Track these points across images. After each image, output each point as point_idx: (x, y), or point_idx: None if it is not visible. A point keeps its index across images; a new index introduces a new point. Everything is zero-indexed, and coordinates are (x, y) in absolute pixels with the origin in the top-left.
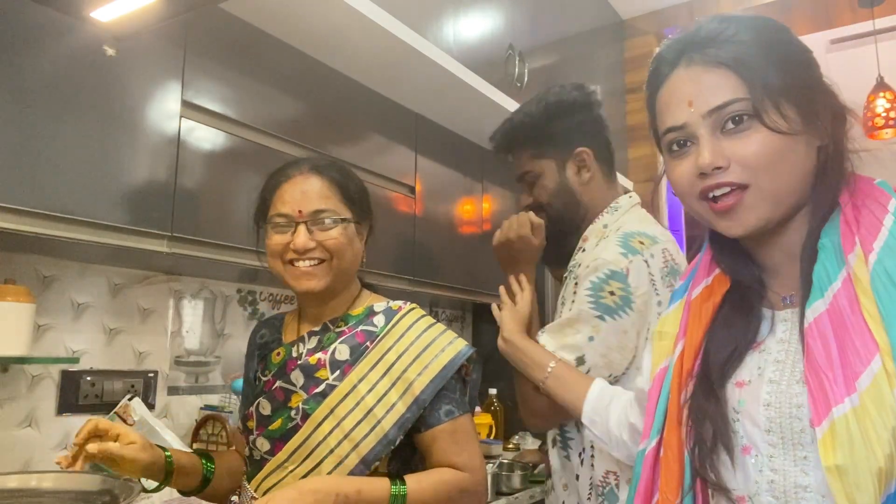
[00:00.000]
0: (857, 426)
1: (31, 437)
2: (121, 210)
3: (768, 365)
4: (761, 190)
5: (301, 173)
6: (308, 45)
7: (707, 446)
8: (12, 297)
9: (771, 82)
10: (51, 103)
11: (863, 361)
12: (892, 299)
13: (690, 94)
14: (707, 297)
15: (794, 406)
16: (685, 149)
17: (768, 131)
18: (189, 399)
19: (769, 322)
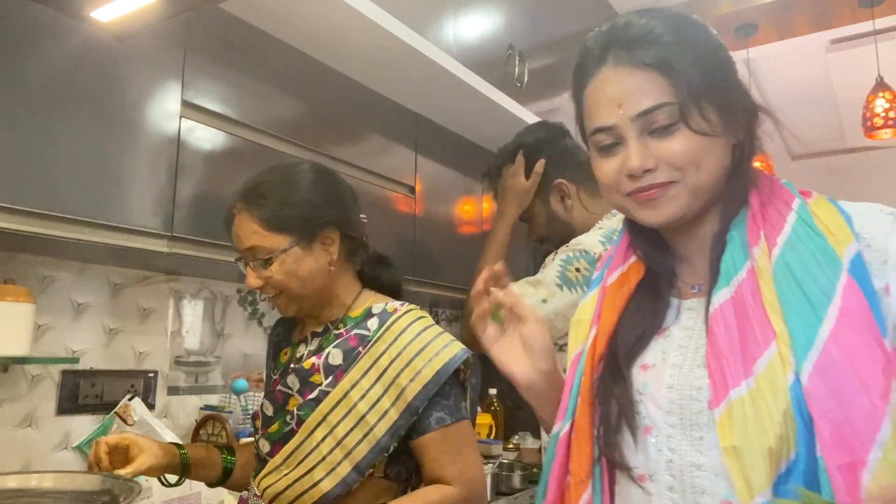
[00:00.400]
0: (753, 408)
1: (31, 437)
2: (121, 210)
3: (672, 349)
4: (685, 185)
5: (236, 210)
6: (308, 45)
7: (612, 426)
8: (12, 297)
9: (695, 84)
10: (51, 103)
11: (760, 347)
12: (792, 291)
13: (619, 97)
14: (622, 284)
15: (694, 388)
16: (613, 150)
17: (692, 133)
18: (189, 399)
19: (675, 309)
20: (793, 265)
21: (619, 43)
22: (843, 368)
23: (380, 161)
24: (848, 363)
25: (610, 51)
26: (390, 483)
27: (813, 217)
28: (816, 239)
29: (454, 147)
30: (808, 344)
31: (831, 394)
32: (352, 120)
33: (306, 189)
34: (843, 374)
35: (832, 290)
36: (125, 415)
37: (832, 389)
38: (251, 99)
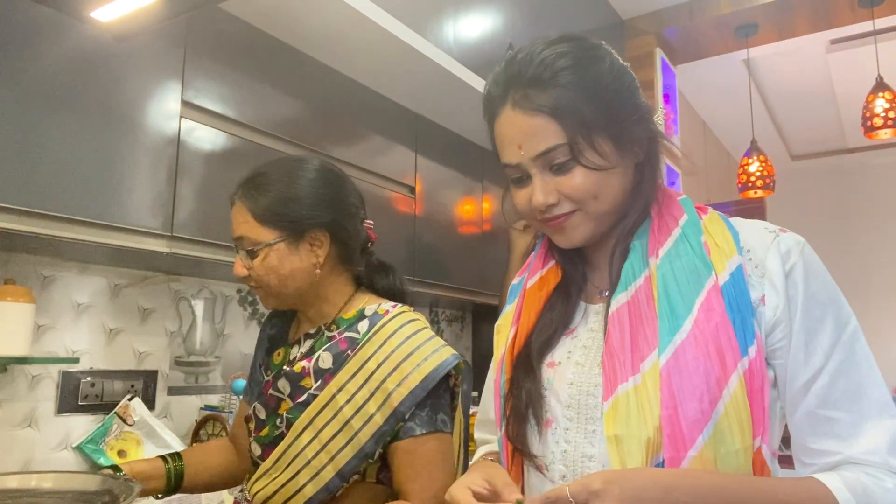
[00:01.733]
0: (636, 402)
1: (31, 437)
2: (121, 210)
3: (577, 349)
4: (587, 213)
5: (236, 197)
6: (308, 45)
7: (520, 417)
8: (12, 297)
9: (588, 123)
10: (50, 103)
11: (650, 347)
12: (663, 300)
13: (518, 139)
14: (541, 287)
15: (591, 385)
16: (523, 181)
17: (587, 169)
18: (189, 399)
19: (583, 312)
20: (667, 277)
21: (517, 83)
22: (683, 374)
23: (380, 161)
24: (687, 370)
25: (510, 92)
26: (383, 488)
27: (703, 232)
28: (691, 255)
29: (454, 147)
30: (665, 347)
31: (670, 395)
32: (352, 120)
33: (303, 188)
34: (682, 378)
35: (692, 304)
36: (125, 415)
37: (671, 392)
38: (251, 99)
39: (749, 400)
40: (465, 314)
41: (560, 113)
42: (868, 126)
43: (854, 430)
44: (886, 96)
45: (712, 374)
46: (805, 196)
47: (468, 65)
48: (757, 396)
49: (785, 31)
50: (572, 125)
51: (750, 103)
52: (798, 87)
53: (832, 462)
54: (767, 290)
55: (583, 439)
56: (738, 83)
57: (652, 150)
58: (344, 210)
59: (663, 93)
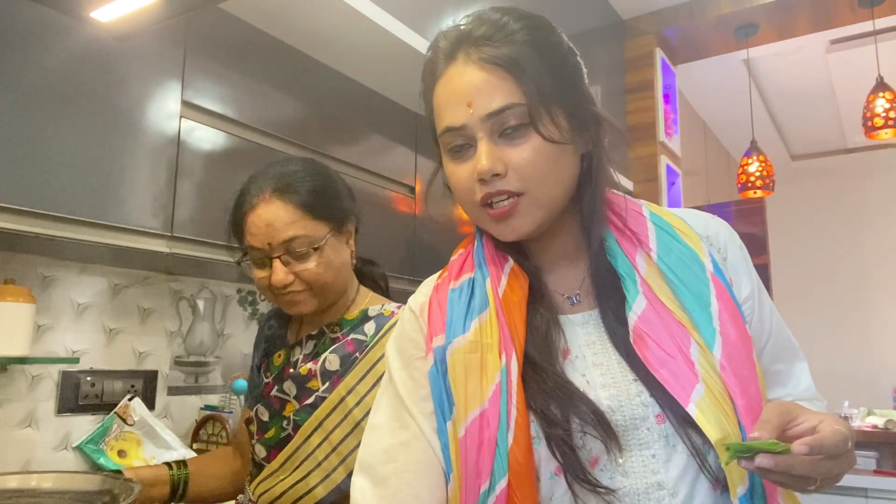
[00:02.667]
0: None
1: (31, 437)
2: (121, 210)
3: (590, 370)
4: (535, 198)
5: (264, 200)
6: (308, 45)
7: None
8: (12, 297)
9: (545, 89)
10: (51, 103)
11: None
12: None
13: (469, 95)
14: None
15: (639, 406)
16: (464, 151)
17: (541, 140)
18: (189, 399)
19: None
20: (673, 268)
21: (469, 40)
22: (738, 359)
23: (380, 161)
24: (737, 353)
25: (461, 47)
26: None
27: (667, 222)
28: (678, 242)
29: None
30: (712, 335)
31: (739, 384)
32: (352, 120)
33: (332, 180)
34: (739, 364)
35: (707, 289)
36: (125, 415)
37: (739, 380)
38: (251, 99)
39: None
40: None
41: (519, 70)
42: (868, 126)
43: (789, 377)
44: (887, 96)
45: (749, 356)
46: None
47: None
48: None
49: (785, 31)
50: (531, 87)
51: (750, 103)
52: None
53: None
54: (731, 272)
55: (643, 468)
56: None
57: (598, 140)
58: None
59: (663, 93)
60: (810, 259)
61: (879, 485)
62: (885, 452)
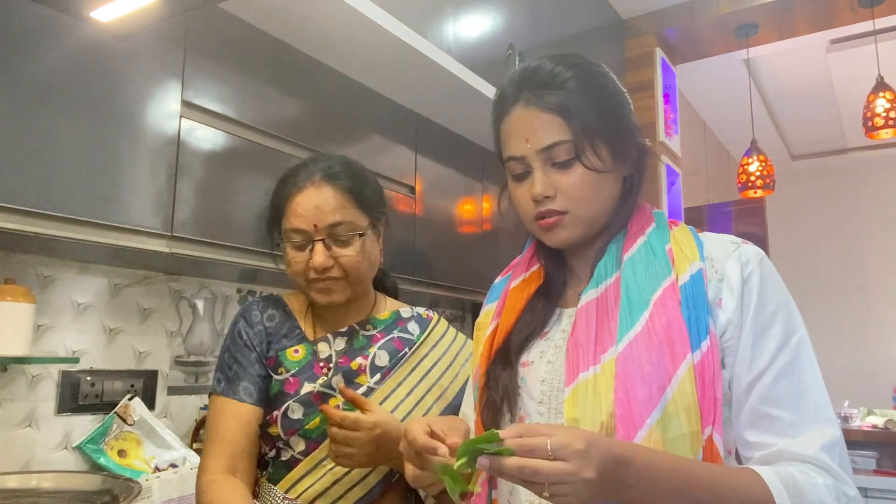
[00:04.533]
0: (594, 389)
1: (31, 437)
2: (121, 210)
3: (549, 349)
4: (577, 216)
5: (313, 184)
6: (308, 45)
7: (495, 408)
8: (12, 297)
9: (590, 127)
10: (51, 103)
11: (611, 341)
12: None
13: (527, 133)
14: (523, 288)
15: (560, 381)
16: (524, 176)
17: (585, 169)
18: (189, 399)
19: (558, 316)
20: (629, 277)
21: (529, 86)
22: (635, 363)
23: (380, 161)
24: (638, 360)
25: (522, 92)
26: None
27: (669, 240)
28: (652, 258)
29: (454, 147)
30: (621, 338)
31: (623, 381)
32: (352, 120)
33: (372, 177)
34: (633, 367)
35: (647, 301)
36: (125, 415)
37: (624, 378)
38: (251, 99)
39: (699, 389)
40: (464, 314)
41: (568, 113)
42: (869, 126)
43: (792, 430)
44: (887, 96)
45: (661, 364)
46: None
47: (468, 65)
48: (708, 387)
49: (785, 31)
50: (577, 126)
51: (750, 103)
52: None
53: (766, 454)
54: (724, 293)
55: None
56: (738, 83)
57: (640, 166)
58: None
59: (663, 93)
60: (810, 259)
61: (879, 485)
62: (885, 452)
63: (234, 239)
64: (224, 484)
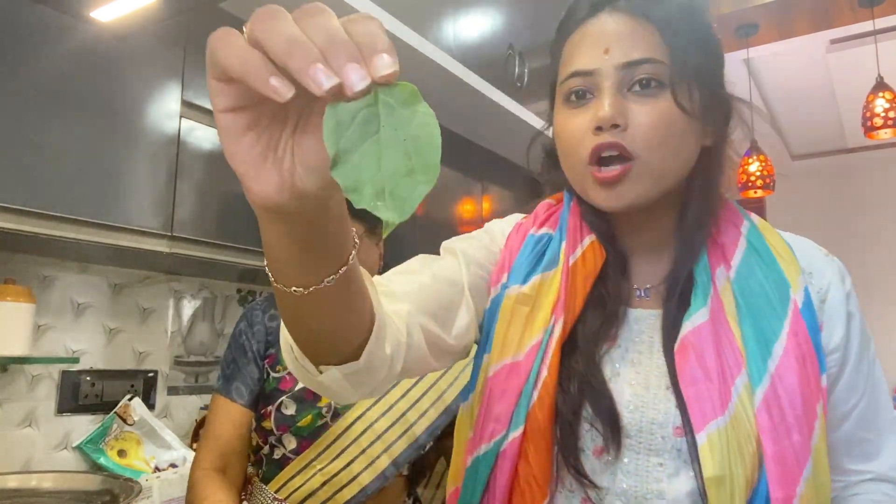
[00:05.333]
0: (734, 437)
1: (31, 437)
2: (121, 210)
3: (625, 366)
4: (648, 165)
5: None
6: None
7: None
8: (12, 297)
9: (690, 58)
10: (51, 103)
11: (734, 374)
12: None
13: (609, 41)
14: (584, 265)
15: (659, 413)
16: (584, 101)
17: (672, 104)
18: (189, 399)
19: (624, 316)
20: (746, 293)
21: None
22: (783, 404)
23: None
24: (787, 399)
25: (610, 1)
26: (405, 479)
27: (766, 243)
28: (765, 268)
29: (454, 147)
30: (759, 378)
31: (774, 429)
32: None
33: None
34: (783, 409)
35: (780, 325)
36: (125, 415)
37: (774, 425)
38: None
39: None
40: None
41: (669, 28)
42: (868, 126)
43: (879, 451)
44: (886, 96)
45: (807, 404)
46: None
47: (468, 65)
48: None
49: (785, 31)
50: (678, 47)
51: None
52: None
53: (860, 479)
54: (826, 317)
55: (646, 474)
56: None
57: (723, 133)
58: None
59: None
60: None
61: None
62: None
63: (234, 239)
64: (213, 481)
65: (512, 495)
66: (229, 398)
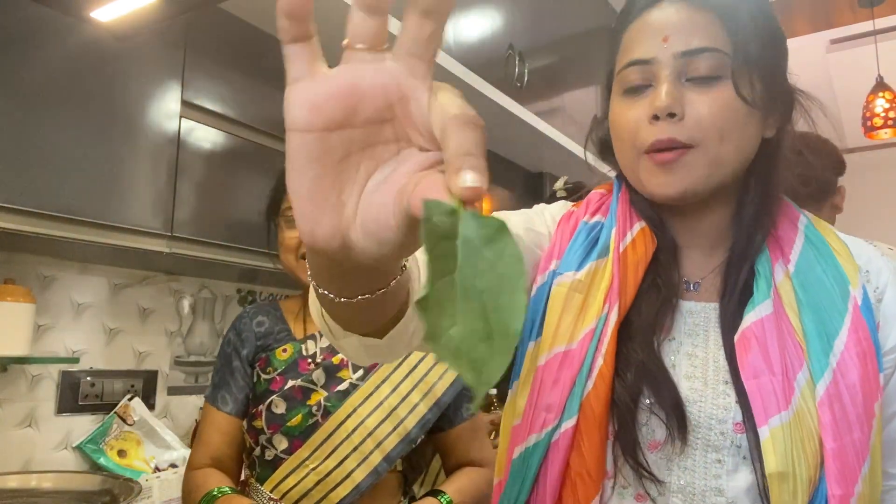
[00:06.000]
0: (798, 433)
1: (31, 437)
2: (121, 210)
3: (681, 359)
4: (706, 152)
5: None
6: None
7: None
8: (12, 297)
9: (752, 48)
10: (51, 103)
11: (795, 369)
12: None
13: (668, 29)
14: (635, 251)
15: (719, 408)
16: (641, 91)
17: (733, 95)
18: (189, 399)
19: (677, 309)
20: (807, 287)
21: None
22: (845, 400)
23: None
24: (849, 395)
25: None
26: (399, 474)
27: (824, 238)
28: (824, 263)
29: None
30: (821, 372)
31: (835, 425)
32: None
33: None
34: (845, 405)
35: (841, 320)
36: (125, 415)
37: (836, 421)
38: (251, 99)
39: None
40: None
41: (731, 17)
42: (868, 126)
43: None
44: (886, 96)
45: (867, 402)
46: None
47: (468, 65)
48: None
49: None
50: (739, 37)
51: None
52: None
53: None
54: (882, 318)
55: (704, 471)
56: None
57: (786, 126)
58: None
59: None
60: None
61: None
62: None
63: (234, 239)
64: (205, 472)
65: (562, 489)
66: (216, 406)
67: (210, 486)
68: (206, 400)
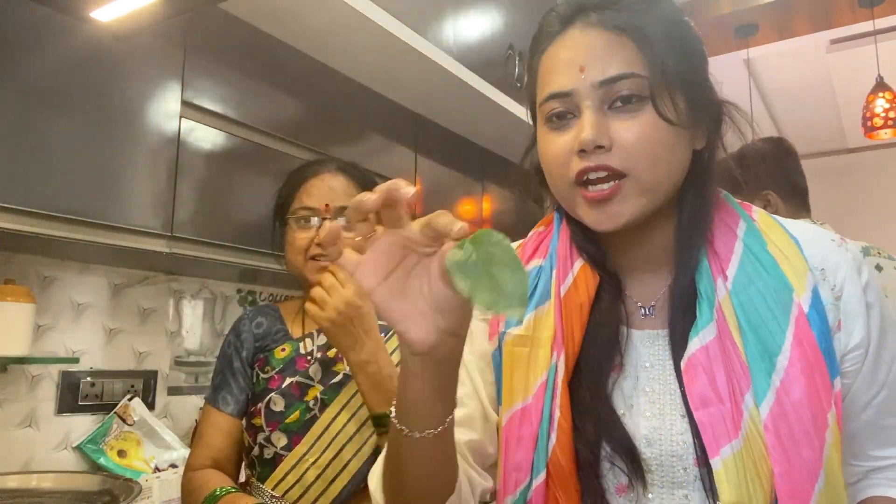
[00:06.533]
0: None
1: (31, 437)
2: (121, 210)
3: (639, 396)
4: (639, 182)
5: (329, 171)
6: (308, 45)
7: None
8: (12, 297)
9: (669, 66)
10: (51, 103)
11: (743, 393)
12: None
13: (583, 59)
14: (577, 293)
15: (677, 445)
16: (565, 122)
17: (656, 117)
18: (189, 399)
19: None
20: (746, 305)
21: (590, 4)
22: (791, 419)
23: (380, 161)
24: (795, 414)
25: (580, 13)
26: None
27: (766, 242)
28: (765, 274)
29: (454, 147)
30: (763, 394)
31: (781, 447)
32: (352, 120)
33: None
34: (791, 424)
35: (783, 336)
36: (125, 415)
37: (782, 442)
38: (251, 99)
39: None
40: None
41: (644, 39)
42: (868, 126)
43: None
44: (886, 96)
45: (814, 419)
46: None
47: (468, 65)
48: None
49: (785, 31)
50: (656, 58)
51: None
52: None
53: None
54: (843, 315)
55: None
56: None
57: (715, 136)
58: None
59: None
60: None
61: None
62: None
63: (234, 239)
64: (206, 473)
65: None
66: (216, 407)
67: (212, 486)
68: (206, 401)
